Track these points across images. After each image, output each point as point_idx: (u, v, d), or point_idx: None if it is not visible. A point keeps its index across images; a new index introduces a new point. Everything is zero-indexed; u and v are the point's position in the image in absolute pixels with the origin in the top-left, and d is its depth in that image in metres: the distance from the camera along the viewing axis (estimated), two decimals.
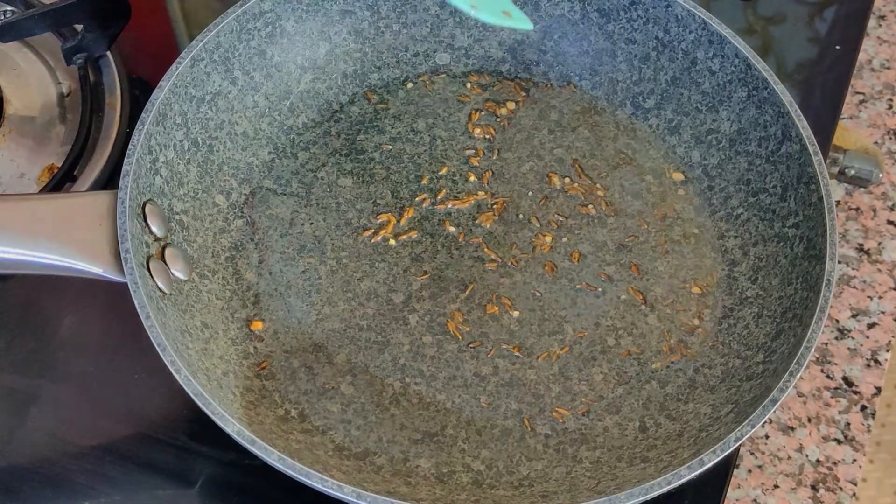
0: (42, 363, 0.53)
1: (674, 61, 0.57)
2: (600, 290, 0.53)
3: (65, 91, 0.62)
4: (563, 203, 0.56)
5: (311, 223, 0.54)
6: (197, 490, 0.50)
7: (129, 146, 0.49)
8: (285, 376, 0.50)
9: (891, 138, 0.65)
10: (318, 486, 0.41)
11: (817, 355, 0.56)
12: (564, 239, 0.55)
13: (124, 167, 0.48)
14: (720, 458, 0.43)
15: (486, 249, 0.54)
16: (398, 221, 0.55)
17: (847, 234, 0.61)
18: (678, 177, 0.57)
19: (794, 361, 0.45)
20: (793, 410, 0.54)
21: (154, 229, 0.49)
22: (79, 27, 0.61)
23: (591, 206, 0.56)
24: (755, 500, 0.52)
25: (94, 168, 0.58)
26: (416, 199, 0.56)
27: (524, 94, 0.60)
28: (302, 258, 0.53)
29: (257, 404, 0.48)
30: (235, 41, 0.54)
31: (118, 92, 0.62)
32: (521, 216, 0.55)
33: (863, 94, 0.66)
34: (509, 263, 0.54)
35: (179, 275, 0.49)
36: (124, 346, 0.53)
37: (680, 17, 0.55)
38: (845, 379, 0.55)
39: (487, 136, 0.58)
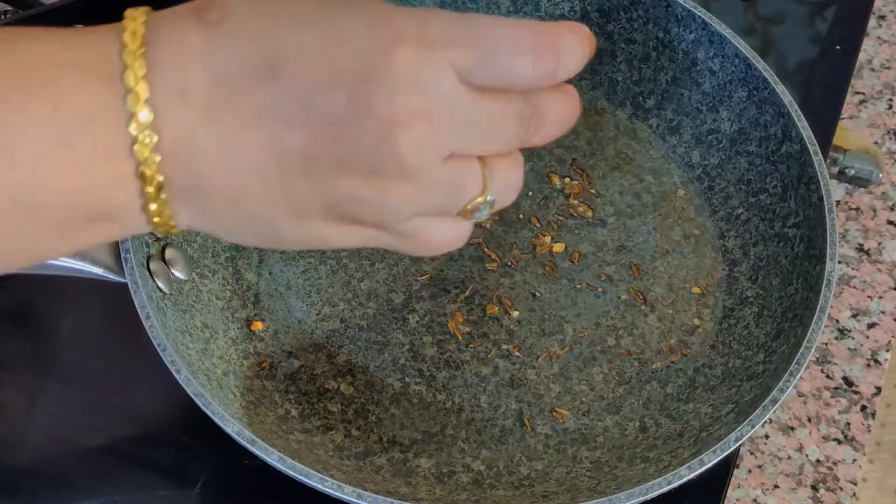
0: (42, 363, 0.53)
1: (674, 61, 0.57)
2: (600, 290, 0.53)
3: None
4: (563, 203, 0.56)
5: None
6: (197, 490, 0.49)
7: None
8: (285, 376, 0.50)
9: (891, 138, 0.65)
10: (318, 486, 0.41)
11: (817, 355, 0.56)
12: (564, 239, 0.55)
13: None
14: (720, 457, 0.43)
15: (486, 249, 0.54)
16: None
17: (847, 234, 0.61)
18: (678, 177, 0.57)
19: (795, 361, 0.45)
20: (793, 410, 0.54)
21: None
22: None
23: (591, 207, 0.56)
24: (755, 500, 0.52)
25: None
26: None
27: None
28: (302, 258, 0.53)
29: (257, 404, 0.48)
30: None
31: None
32: (521, 216, 0.55)
33: (863, 94, 0.66)
34: (509, 263, 0.54)
35: (179, 275, 0.49)
36: (124, 346, 0.53)
37: (680, 17, 0.55)
38: (845, 379, 0.55)
39: None
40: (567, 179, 0.57)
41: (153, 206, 0.33)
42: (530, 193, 0.56)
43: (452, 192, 0.35)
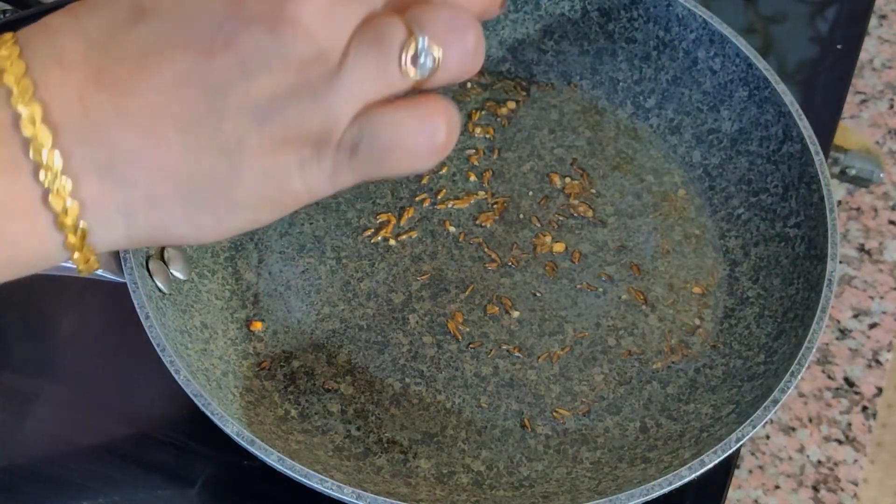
0: (41, 363, 0.53)
1: (675, 60, 0.57)
2: (601, 290, 0.53)
3: None
4: (564, 203, 0.56)
5: (311, 223, 0.54)
6: (196, 490, 0.49)
7: None
8: (285, 376, 0.50)
9: (892, 138, 0.64)
10: (318, 486, 0.41)
11: (818, 356, 0.56)
12: (565, 239, 0.55)
13: None
14: (721, 458, 0.43)
15: (486, 249, 0.54)
16: (398, 221, 0.55)
17: (848, 234, 0.60)
18: (679, 177, 0.57)
19: (796, 362, 0.45)
20: (794, 411, 0.54)
21: None
22: None
23: (591, 206, 0.56)
24: (756, 501, 0.52)
25: None
26: (416, 198, 0.55)
27: (524, 93, 0.59)
28: (301, 258, 0.53)
29: (257, 405, 0.48)
30: None
31: None
32: (521, 216, 0.55)
33: (864, 93, 0.66)
34: (509, 263, 0.54)
35: (179, 275, 0.49)
36: (124, 346, 0.53)
37: (681, 16, 0.55)
38: (846, 379, 0.55)
39: (487, 136, 0.58)
40: (567, 179, 0.57)
41: (56, 202, 0.31)
42: (531, 193, 0.56)
43: (378, 51, 0.31)
